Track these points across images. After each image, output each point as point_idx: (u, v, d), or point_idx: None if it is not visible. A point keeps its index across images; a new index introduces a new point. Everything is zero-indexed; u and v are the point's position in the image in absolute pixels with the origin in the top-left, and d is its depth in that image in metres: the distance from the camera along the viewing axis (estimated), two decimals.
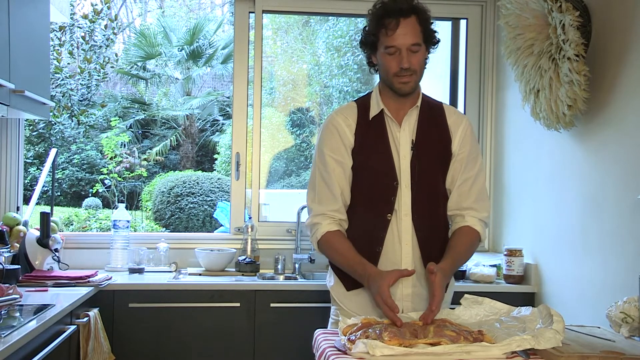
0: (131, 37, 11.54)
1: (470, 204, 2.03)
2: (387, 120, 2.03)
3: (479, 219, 2.03)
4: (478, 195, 2.05)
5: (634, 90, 2.29)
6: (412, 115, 2.03)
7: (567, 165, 2.73)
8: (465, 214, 2.03)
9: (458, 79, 3.65)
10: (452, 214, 2.06)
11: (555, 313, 1.66)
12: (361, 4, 3.49)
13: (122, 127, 10.18)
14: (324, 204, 2.01)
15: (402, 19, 1.89)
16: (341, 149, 2.02)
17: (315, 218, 2.01)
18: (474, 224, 2.02)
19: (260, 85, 3.49)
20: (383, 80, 2.02)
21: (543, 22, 2.60)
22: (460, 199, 2.04)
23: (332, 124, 2.06)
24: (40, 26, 2.76)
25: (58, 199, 9.76)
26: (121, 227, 3.25)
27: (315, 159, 2.08)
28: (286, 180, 9.11)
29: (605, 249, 2.43)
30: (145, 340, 2.80)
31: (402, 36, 1.89)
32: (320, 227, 2.00)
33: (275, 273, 3.26)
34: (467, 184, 2.04)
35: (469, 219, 2.02)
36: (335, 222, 2.01)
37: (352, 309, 2.04)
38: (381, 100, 2.04)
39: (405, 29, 1.90)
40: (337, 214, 2.01)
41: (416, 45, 1.92)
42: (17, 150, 3.24)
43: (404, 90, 1.97)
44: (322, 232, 1.99)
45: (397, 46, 1.90)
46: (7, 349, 1.68)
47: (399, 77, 1.94)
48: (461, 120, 2.09)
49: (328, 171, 2.01)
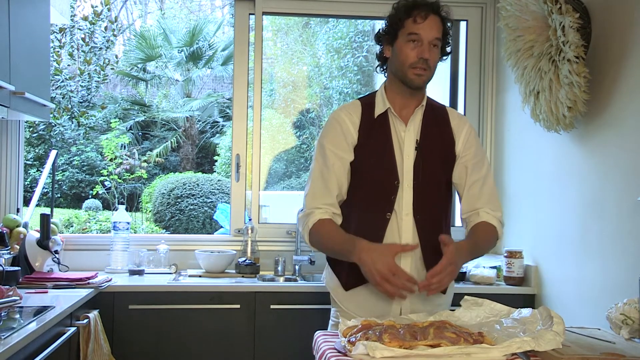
0: (131, 38, 11.55)
1: (483, 204, 2.03)
2: (392, 118, 2.03)
3: (493, 215, 2.02)
4: (489, 196, 2.04)
5: (634, 91, 2.29)
6: (417, 115, 2.04)
7: (567, 167, 2.73)
8: (479, 211, 2.02)
9: (458, 81, 3.66)
10: (465, 216, 2.06)
11: (556, 315, 1.65)
12: (361, 5, 3.50)
13: (122, 128, 10.18)
14: (318, 198, 2.00)
15: (431, 14, 1.95)
16: (343, 144, 2.02)
17: (308, 210, 2.00)
18: (489, 219, 2.00)
19: (260, 87, 3.49)
20: (395, 72, 2.02)
21: (543, 24, 2.60)
22: (472, 201, 2.03)
23: (335, 119, 2.06)
24: (40, 28, 2.76)
25: (58, 200, 9.76)
26: (121, 228, 3.25)
27: (316, 152, 2.07)
28: (286, 181, 9.12)
29: (605, 250, 2.43)
30: (145, 342, 2.80)
31: (429, 28, 1.94)
32: (312, 216, 1.98)
33: (275, 275, 3.27)
34: (476, 186, 2.04)
35: (484, 215, 2.01)
36: (327, 213, 1.99)
37: (351, 309, 2.04)
38: (387, 98, 2.04)
39: (432, 22, 1.95)
40: (331, 208, 2.00)
41: (437, 41, 1.96)
42: (17, 152, 3.24)
43: (416, 82, 1.97)
44: (313, 220, 1.97)
45: (422, 35, 1.94)
46: (7, 350, 1.68)
47: (414, 69, 1.95)
48: (464, 123, 2.10)
49: (327, 166, 2.01)
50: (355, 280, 1.98)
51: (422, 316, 1.82)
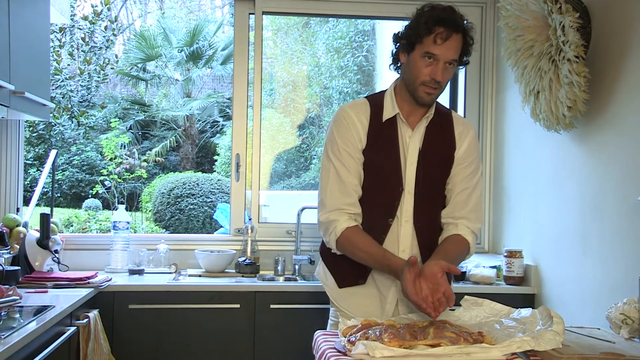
0: (131, 38, 11.54)
1: (465, 213, 2.02)
2: (400, 124, 2.01)
3: (471, 230, 2.01)
4: (474, 206, 2.04)
5: (633, 91, 2.29)
6: (423, 122, 2.02)
7: (567, 166, 2.73)
8: (458, 222, 2.01)
9: (458, 81, 3.65)
10: (445, 221, 2.05)
11: (555, 314, 1.65)
12: (361, 5, 3.50)
13: (122, 128, 10.18)
14: (338, 198, 1.96)
15: (454, 34, 1.87)
16: (356, 143, 1.98)
17: (331, 214, 1.96)
18: (465, 234, 2.00)
19: (260, 87, 3.49)
20: (406, 82, 1.97)
21: (543, 24, 2.60)
22: (456, 208, 2.03)
23: (345, 118, 2.01)
24: (40, 27, 2.76)
25: (58, 200, 9.76)
26: (121, 228, 3.25)
27: (328, 152, 2.01)
28: (286, 181, 9.12)
29: (605, 250, 2.43)
30: (145, 342, 2.80)
31: (447, 49, 1.87)
32: (337, 224, 1.94)
33: (275, 274, 3.27)
34: (464, 193, 2.03)
35: (462, 228, 2.00)
36: (351, 218, 1.96)
37: (345, 307, 2.05)
38: (396, 102, 2.01)
39: (452, 43, 1.87)
40: (352, 208, 1.96)
41: (453, 61, 1.90)
42: (17, 152, 3.24)
43: (425, 100, 1.95)
44: (341, 229, 1.93)
45: (438, 56, 1.87)
46: (7, 350, 1.68)
47: (425, 87, 1.91)
48: (468, 131, 2.07)
49: (344, 164, 1.97)
50: (349, 280, 1.98)
51: (422, 316, 1.82)
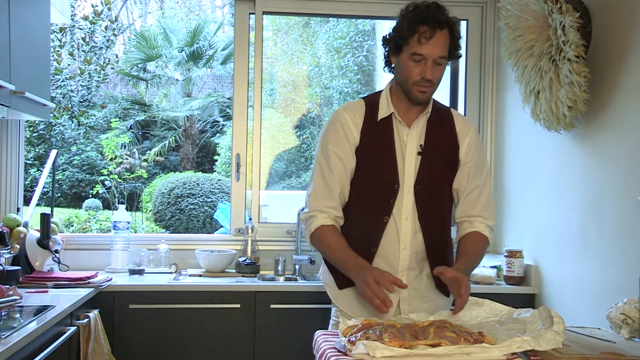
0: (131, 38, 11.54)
1: (478, 211, 2.04)
2: (396, 122, 2.01)
3: (486, 225, 2.04)
4: (485, 203, 2.06)
5: (634, 91, 2.29)
6: (421, 119, 2.02)
7: (567, 166, 2.73)
8: (473, 220, 2.04)
9: (458, 80, 3.65)
10: (459, 220, 2.07)
11: (556, 314, 1.65)
12: (361, 5, 3.50)
13: (122, 128, 10.17)
14: (320, 200, 2.01)
15: (438, 31, 1.87)
16: (345, 146, 2.01)
17: (311, 212, 2.02)
18: (482, 230, 2.03)
19: (260, 87, 3.49)
20: (400, 83, 1.99)
21: (543, 24, 2.60)
22: (468, 207, 2.05)
23: (338, 120, 2.03)
24: (40, 27, 2.76)
25: (58, 200, 9.75)
26: (121, 228, 3.25)
27: (318, 154, 2.06)
28: (286, 181, 9.11)
29: (605, 250, 2.43)
30: (146, 342, 2.80)
31: (433, 47, 1.87)
32: (315, 219, 2.00)
33: (276, 274, 3.27)
34: (475, 192, 2.05)
35: (477, 225, 2.03)
36: (330, 217, 2.01)
37: (345, 307, 2.05)
38: (392, 102, 2.02)
39: (437, 40, 1.87)
40: (333, 211, 2.01)
41: (442, 59, 1.90)
42: (18, 152, 3.24)
43: (419, 99, 1.96)
44: (317, 225, 1.99)
45: (425, 55, 1.88)
46: (7, 350, 1.68)
47: (418, 86, 1.92)
48: (469, 128, 2.08)
49: (330, 168, 2.00)
50: (349, 280, 1.98)
51: (422, 316, 1.82)
